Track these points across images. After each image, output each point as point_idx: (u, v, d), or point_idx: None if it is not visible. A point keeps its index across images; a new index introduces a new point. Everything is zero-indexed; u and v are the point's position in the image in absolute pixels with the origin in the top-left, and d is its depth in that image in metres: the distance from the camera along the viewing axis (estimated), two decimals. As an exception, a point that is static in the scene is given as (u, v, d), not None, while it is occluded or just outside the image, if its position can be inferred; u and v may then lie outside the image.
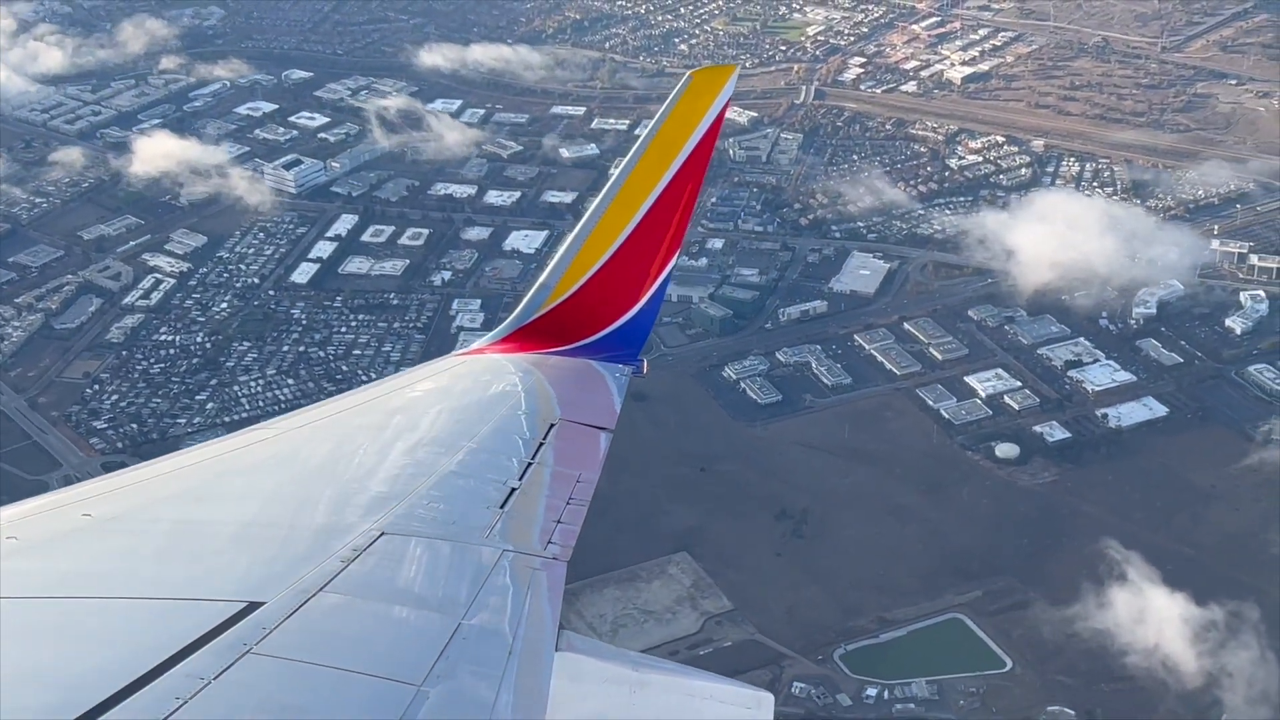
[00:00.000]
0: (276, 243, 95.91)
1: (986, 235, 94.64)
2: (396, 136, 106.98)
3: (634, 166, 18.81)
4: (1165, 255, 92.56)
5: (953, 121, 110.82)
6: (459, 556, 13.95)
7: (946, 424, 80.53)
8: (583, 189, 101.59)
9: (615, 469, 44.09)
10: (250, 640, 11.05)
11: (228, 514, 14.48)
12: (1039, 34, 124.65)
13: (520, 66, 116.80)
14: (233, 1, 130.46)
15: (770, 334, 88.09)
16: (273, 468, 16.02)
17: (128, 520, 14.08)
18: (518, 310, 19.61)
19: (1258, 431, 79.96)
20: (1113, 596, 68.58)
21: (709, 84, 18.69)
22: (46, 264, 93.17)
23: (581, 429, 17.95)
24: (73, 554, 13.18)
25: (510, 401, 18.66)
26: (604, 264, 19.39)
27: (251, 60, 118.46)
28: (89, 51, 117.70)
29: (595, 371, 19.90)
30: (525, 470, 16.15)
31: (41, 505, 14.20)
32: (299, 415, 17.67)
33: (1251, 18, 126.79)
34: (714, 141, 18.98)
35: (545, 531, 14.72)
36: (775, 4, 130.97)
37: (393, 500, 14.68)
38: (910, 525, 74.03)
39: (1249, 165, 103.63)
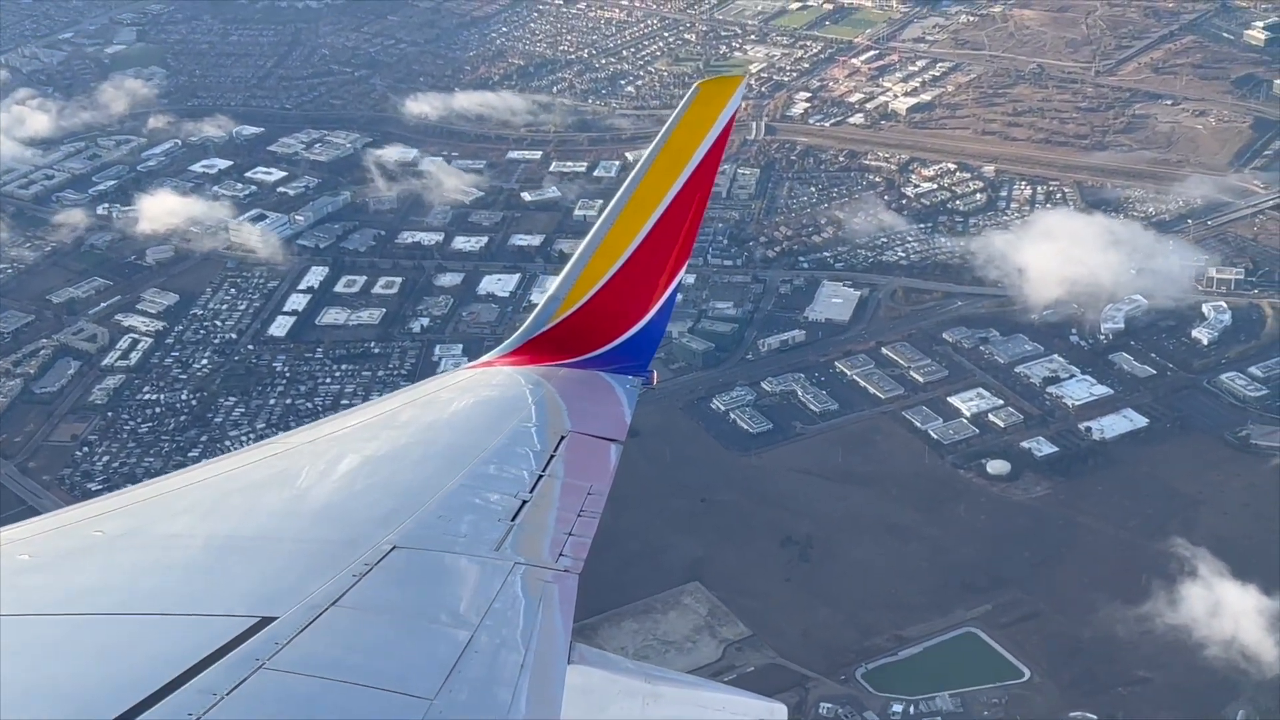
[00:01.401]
0: (249, 297, 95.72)
1: (993, 255, 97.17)
2: (399, 185, 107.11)
3: (642, 178, 18.80)
4: (1166, 267, 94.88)
5: (903, 151, 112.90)
6: (470, 570, 14.07)
7: (936, 444, 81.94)
8: (549, 231, 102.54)
9: (617, 505, 45.36)
10: (263, 655, 11.15)
11: (239, 529, 14.55)
12: (975, 63, 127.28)
13: (478, 112, 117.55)
14: (173, 61, 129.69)
15: (752, 365, 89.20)
16: (283, 482, 16.04)
17: (139, 536, 14.09)
18: (527, 323, 19.72)
19: (1236, 437, 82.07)
20: (1122, 602, 70.26)
21: (716, 94, 18.69)
22: (18, 329, 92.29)
23: (592, 441, 18.05)
24: (85, 570, 13.24)
25: (520, 414, 18.63)
26: (613, 275, 19.29)
27: (235, 117, 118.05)
28: (73, 114, 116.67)
29: (605, 383, 19.89)
30: (536, 483, 16.20)
31: (54, 522, 14.18)
32: (309, 430, 17.80)
33: (1178, 40, 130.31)
34: (722, 151, 18.98)
35: (556, 544, 14.84)
36: (715, 43, 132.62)
37: (404, 514, 14.70)
38: (913, 544, 75.25)
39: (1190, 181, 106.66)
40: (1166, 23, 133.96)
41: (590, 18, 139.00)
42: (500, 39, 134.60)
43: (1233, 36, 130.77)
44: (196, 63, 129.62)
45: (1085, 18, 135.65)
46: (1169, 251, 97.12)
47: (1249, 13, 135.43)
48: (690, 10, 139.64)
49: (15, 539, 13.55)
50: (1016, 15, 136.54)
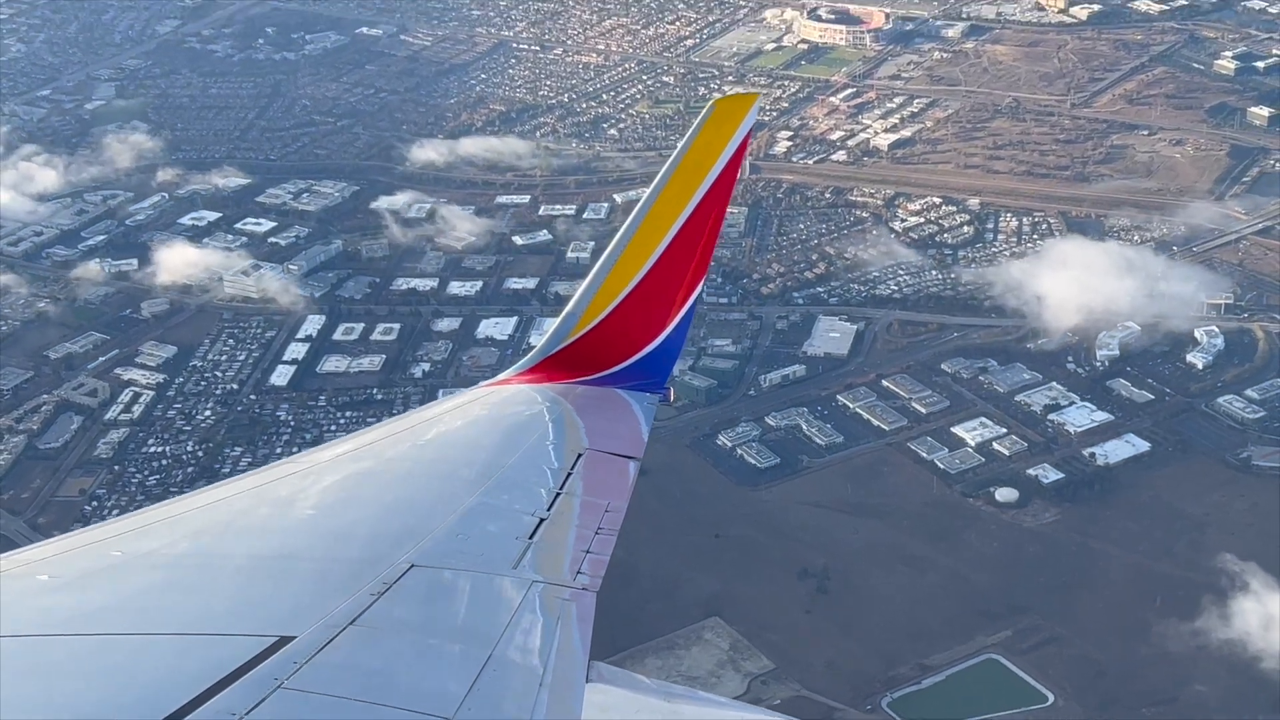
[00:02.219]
0: (248, 348, 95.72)
1: (1011, 284, 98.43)
2: (413, 232, 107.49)
3: (658, 195, 18.83)
4: (1182, 292, 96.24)
5: (888, 186, 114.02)
6: (488, 588, 14.04)
7: (943, 474, 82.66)
8: (543, 274, 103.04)
9: (631, 542, 46.07)
10: (281, 675, 11.18)
11: (257, 548, 14.51)
12: (952, 98, 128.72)
13: (461, 159, 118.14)
14: (154, 115, 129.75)
15: (755, 400, 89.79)
16: (301, 501, 16.00)
17: (158, 556, 14.08)
18: (544, 340, 19.74)
19: (1237, 458, 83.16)
20: (1140, 625, 71.03)
21: (731, 112, 18.87)
22: (18, 385, 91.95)
23: (609, 458, 18.11)
24: (104, 590, 13.25)
25: (537, 431, 18.69)
26: (629, 293, 19.33)
27: (242, 168, 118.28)
28: (79, 169, 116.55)
29: (622, 400, 19.84)
30: (554, 500, 16.26)
31: (73, 543, 14.22)
32: (326, 449, 17.95)
33: (1149, 71, 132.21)
34: (737, 169, 19.08)
35: (574, 562, 14.89)
36: (694, 85, 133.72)
37: (421, 532, 14.69)
38: (929, 573, 75.84)
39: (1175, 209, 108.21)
40: (1137, 55, 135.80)
41: (567, 63, 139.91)
42: (480, 86, 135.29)
43: (1203, 67, 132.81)
44: (178, 117, 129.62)
45: (1057, 51, 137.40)
46: (1179, 276, 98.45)
47: (1217, 43, 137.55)
48: (667, 54, 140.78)
49: (35, 559, 13.60)
50: (989, 50, 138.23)
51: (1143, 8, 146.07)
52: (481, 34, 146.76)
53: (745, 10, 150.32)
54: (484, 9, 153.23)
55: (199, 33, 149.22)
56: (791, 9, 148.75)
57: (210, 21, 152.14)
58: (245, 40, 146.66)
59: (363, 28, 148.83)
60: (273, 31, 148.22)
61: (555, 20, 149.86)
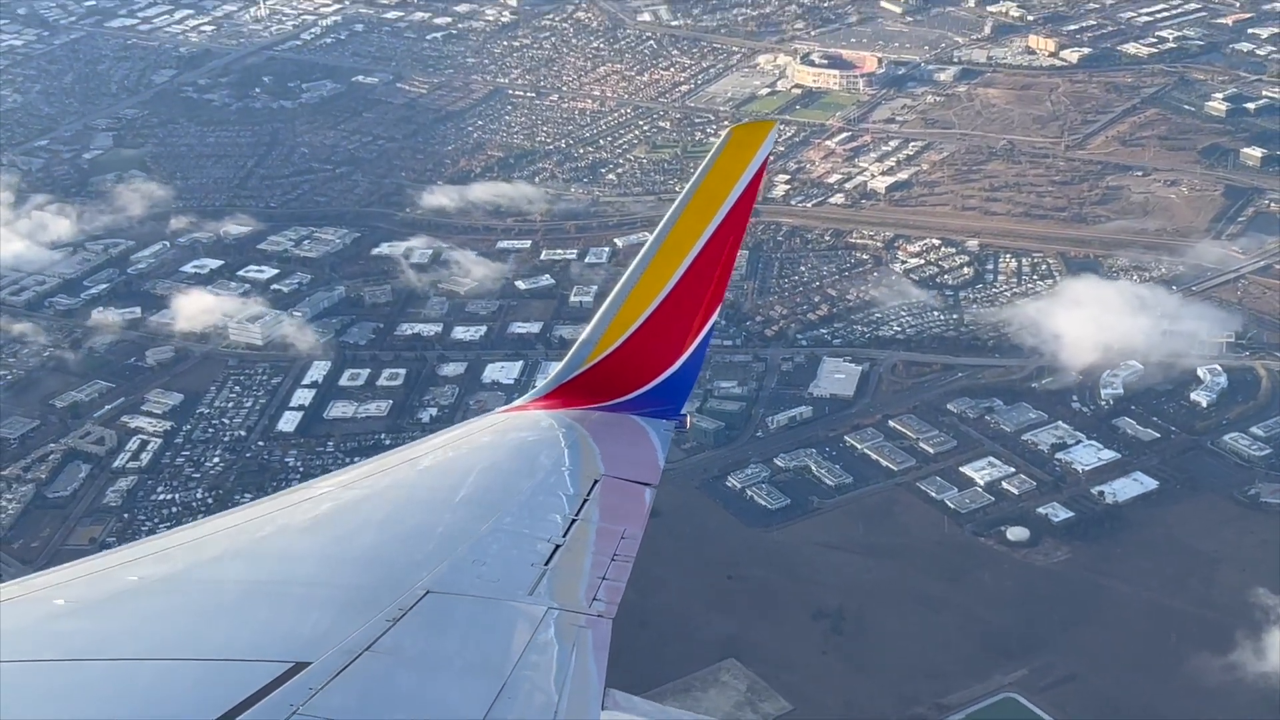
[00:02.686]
0: (254, 394, 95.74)
1: (1027, 324, 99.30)
2: (428, 276, 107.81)
3: (675, 223, 18.93)
4: (1198, 330, 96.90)
5: (887, 229, 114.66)
6: (504, 615, 14.14)
7: (953, 513, 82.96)
8: (547, 318, 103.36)
9: (644, 584, 46.27)
10: (297, 701, 11.29)
11: (274, 573, 14.59)
12: (947, 141, 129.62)
13: (462, 204, 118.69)
14: (153, 164, 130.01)
15: (763, 441, 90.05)
16: (316, 527, 16.09)
17: (174, 581, 14.18)
18: (560, 366, 19.81)
19: (1245, 495, 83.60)
20: (1157, 661, 71.25)
21: (748, 140, 18.97)
22: (25, 434, 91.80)
23: (625, 485, 18.18)
24: (121, 615, 13.33)
25: (553, 458, 18.78)
26: (646, 320, 19.35)
27: (255, 216, 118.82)
28: (92, 218, 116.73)
29: (638, 427, 19.89)
30: (569, 527, 16.32)
31: (89, 568, 14.23)
32: (342, 475, 18.03)
33: (1141, 113, 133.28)
34: (754, 197, 19.17)
35: (590, 588, 14.98)
36: (690, 130, 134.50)
37: (437, 559, 14.73)
38: (943, 613, 76.01)
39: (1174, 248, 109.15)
40: (1128, 97, 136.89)
41: (563, 109, 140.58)
42: (477, 132, 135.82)
43: (1194, 108, 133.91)
44: (177, 165, 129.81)
45: (1049, 94, 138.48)
46: (1190, 314, 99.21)
47: (1207, 85, 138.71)
48: (662, 99, 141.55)
49: (51, 584, 13.73)
50: (981, 94, 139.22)
51: (1132, 51, 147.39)
52: (477, 81, 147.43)
53: (738, 56, 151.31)
54: (478, 56, 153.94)
55: (195, 82, 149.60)
56: (784, 54, 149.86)
57: (206, 71, 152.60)
58: (242, 89, 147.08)
59: (358, 76, 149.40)
60: (269, 80, 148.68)
61: (549, 67, 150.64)
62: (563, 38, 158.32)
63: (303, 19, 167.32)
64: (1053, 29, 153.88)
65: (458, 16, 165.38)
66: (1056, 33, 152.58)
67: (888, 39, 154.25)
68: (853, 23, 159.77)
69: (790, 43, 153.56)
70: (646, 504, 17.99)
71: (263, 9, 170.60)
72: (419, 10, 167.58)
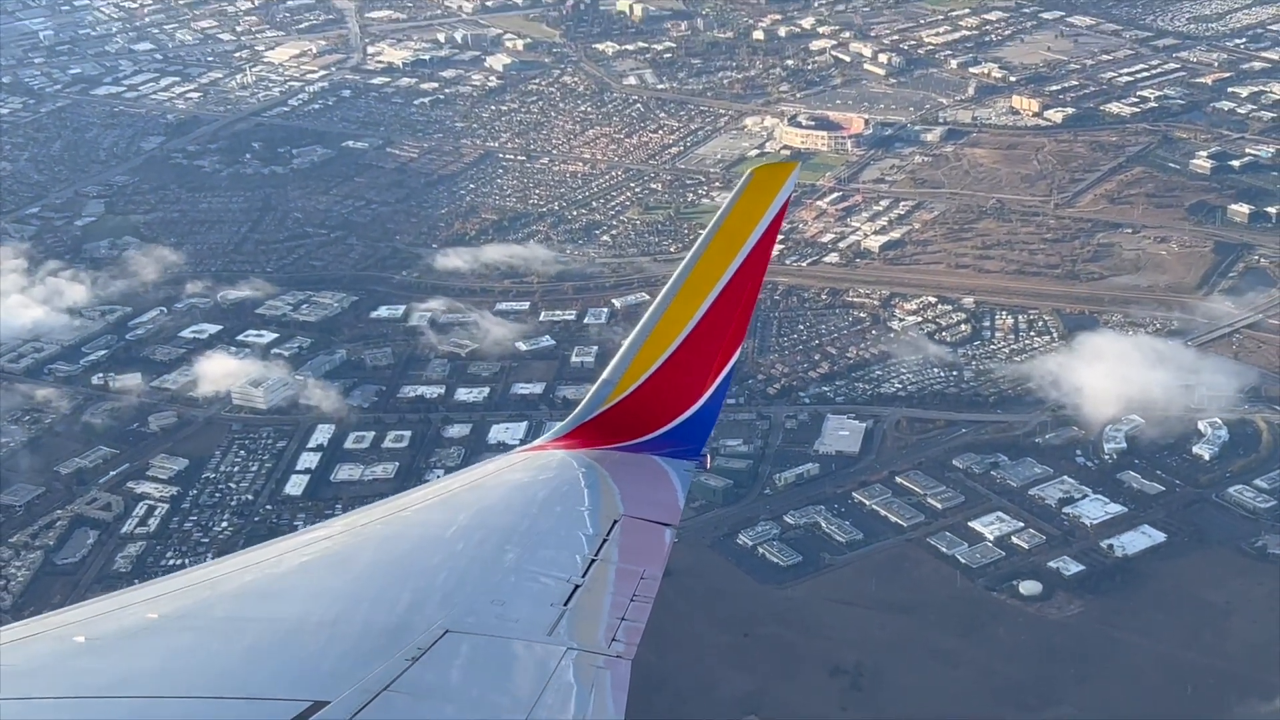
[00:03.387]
0: (259, 459, 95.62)
1: (1046, 380, 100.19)
2: (448, 337, 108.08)
3: (696, 263, 18.94)
4: (1216, 383, 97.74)
5: (882, 286, 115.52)
6: (523, 655, 14.08)
7: (965, 568, 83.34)
8: (549, 379, 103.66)
9: (661, 643, 46.62)
10: None
11: (292, 612, 14.60)
12: (936, 200, 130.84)
13: (474, 265, 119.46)
14: (146, 231, 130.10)
15: (771, 499, 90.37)
16: (335, 565, 16.11)
17: (193, 619, 14.27)
18: (580, 406, 19.85)
19: (1253, 547, 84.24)
20: (1175, 714, 71.54)
21: (770, 181, 18.90)
22: (30, 502, 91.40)
23: (645, 525, 18.15)
24: (140, 653, 13.39)
25: (573, 497, 18.72)
26: (666, 360, 19.33)
27: (270, 280, 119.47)
28: (106, 284, 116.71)
29: (658, 467, 19.84)
30: (589, 567, 16.33)
31: (108, 605, 14.37)
32: (361, 513, 18.07)
33: (1128, 171, 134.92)
34: (775, 238, 19.26)
35: (610, 629, 14.94)
36: (682, 192, 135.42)
37: (456, 598, 14.80)
38: (960, 667, 76.24)
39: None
40: (1113, 155, 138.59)
41: (554, 171, 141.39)
42: (470, 195, 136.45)
43: (1179, 166, 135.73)
44: (170, 231, 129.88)
45: (1035, 154, 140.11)
46: (1213, 367, 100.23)
47: (1190, 143, 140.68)
48: (652, 161, 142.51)
49: (70, 621, 13.83)
50: (968, 154, 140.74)
51: (1115, 110, 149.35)
52: (467, 145, 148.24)
53: (726, 119, 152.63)
54: (467, 121, 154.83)
55: (184, 149, 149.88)
56: (771, 116, 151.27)
57: (194, 138, 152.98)
58: (232, 155, 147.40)
59: (348, 141, 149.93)
60: (259, 146, 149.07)
61: (539, 130, 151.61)
62: (550, 102, 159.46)
63: (289, 85, 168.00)
64: (1035, 89, 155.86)
65: (444, 82, 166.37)
66: (1039, 93, 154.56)
67: (873, 100, 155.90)
68: (837, 85, 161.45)
69: (776, 105, 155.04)
70: (667, 544, 18.04)
71: (249, 76, 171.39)
72: (405, 76, 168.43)
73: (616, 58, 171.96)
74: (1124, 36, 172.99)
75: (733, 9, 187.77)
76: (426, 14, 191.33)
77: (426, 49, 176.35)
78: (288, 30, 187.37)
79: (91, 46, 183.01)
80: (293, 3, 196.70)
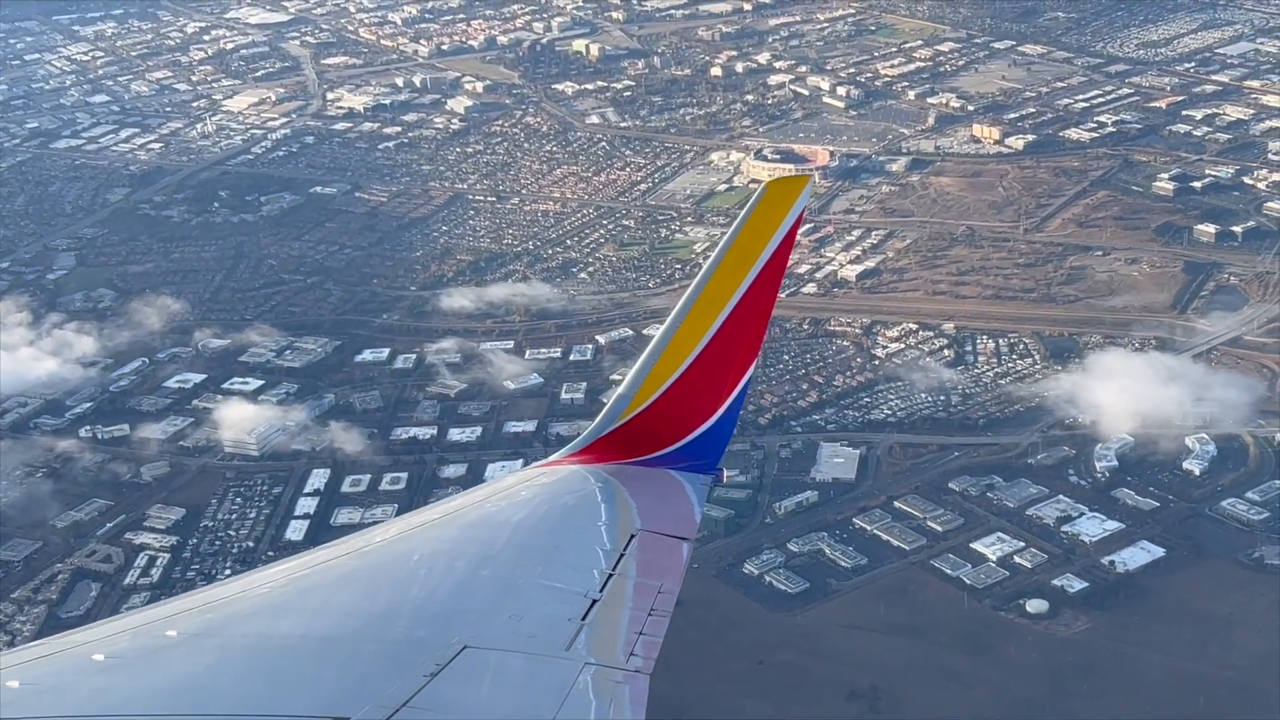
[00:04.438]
0: (257, 505, 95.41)
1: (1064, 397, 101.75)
2: (465, 375, 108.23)
3: (710, 276, 19.05)
4: (1228, 397, 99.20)
5: (863, 315, 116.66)
6: (541, 670, 14.14)
7: (970, 589, 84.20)
8: (540, 416, 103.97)
9: (677, 674, 47.40)
10: None
11: (311, 629, 14.67)
12: (908, 229, 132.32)
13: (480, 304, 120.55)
14: (120, 282, 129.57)
15: (773, 528, 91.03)
16: (354, 582, 16.14)
17: (213, 637, 14.32)
18: (596, 421, 19.87)
19: (1250, 559, 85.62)
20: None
21: (783, 195, 19.11)
22: (28, 556, 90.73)
23: (662, 539, 18.27)
24: (160, 671, 13.48)
25: (590, 512, 18.84)
26: (682, 374, 19.36)
27: (278, 325, 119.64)
28: (113, 334, 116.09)
29: (675, 481, 19.86)
30: (606, 581, 16.41)
31: (128, 624, 14.49)
32: (379, 530, 18.23)
33: (1092, 195, 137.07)
34: (789, 250, 19.34)
35: (628, 644, 15.03)
36: (655, 227, 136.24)
37: (474, 613, 14.91)
38: (975, 687, 77.04)
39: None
40: (1077, 180, 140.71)
41: (525, 211, 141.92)
42: (443, 237, 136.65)
43: (1142, 189, 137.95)
44: (144, 282, 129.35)
45: (1000, 180, 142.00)
46: (1224, 382, 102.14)
47: (1151, 166, 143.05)
48: (622, 198, 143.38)
49: (90, 639, 13.86)
50: (935, 182, 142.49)
51: (1074, 136, 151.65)
52: (435, 188, 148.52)
53: (691, 154, 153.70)
54: (433, 164, 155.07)
55: (151, 199, 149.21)
56: (737, 151, 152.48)
57: (160, 188, 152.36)
58: (199, 205, 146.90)
59: (316, 187, 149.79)
60: (226, 195, 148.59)
61: (506, 171, 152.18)
62: (515, 142, 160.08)
63: (251, 133, 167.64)
64: (994, 118, 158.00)
65: (407, 126, 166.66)
66: (998, 121, 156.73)
67: (835, 133, 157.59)
68: (798, 118, 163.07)
69: (740, 139, 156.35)
70: (684, 558, 18.15)
71: (209, 125, 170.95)
72: (367, 121, 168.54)
73: (577, 97, 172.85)
74: (1076, 64, 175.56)
75: (687, 46, 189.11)
76: (382, 59, 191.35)
77: (386, 93, 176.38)
78: (244, 79, 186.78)
79: (46, 100, 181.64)
80: (246, 51, 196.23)
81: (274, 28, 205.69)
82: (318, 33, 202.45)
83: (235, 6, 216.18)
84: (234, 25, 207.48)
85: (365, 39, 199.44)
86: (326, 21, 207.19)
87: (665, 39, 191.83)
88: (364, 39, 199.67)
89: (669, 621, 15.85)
